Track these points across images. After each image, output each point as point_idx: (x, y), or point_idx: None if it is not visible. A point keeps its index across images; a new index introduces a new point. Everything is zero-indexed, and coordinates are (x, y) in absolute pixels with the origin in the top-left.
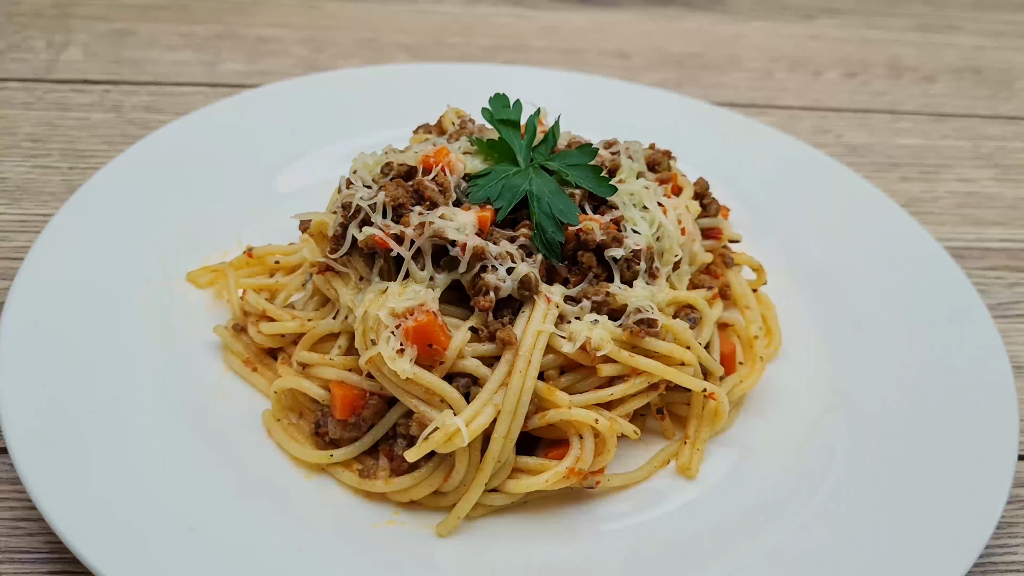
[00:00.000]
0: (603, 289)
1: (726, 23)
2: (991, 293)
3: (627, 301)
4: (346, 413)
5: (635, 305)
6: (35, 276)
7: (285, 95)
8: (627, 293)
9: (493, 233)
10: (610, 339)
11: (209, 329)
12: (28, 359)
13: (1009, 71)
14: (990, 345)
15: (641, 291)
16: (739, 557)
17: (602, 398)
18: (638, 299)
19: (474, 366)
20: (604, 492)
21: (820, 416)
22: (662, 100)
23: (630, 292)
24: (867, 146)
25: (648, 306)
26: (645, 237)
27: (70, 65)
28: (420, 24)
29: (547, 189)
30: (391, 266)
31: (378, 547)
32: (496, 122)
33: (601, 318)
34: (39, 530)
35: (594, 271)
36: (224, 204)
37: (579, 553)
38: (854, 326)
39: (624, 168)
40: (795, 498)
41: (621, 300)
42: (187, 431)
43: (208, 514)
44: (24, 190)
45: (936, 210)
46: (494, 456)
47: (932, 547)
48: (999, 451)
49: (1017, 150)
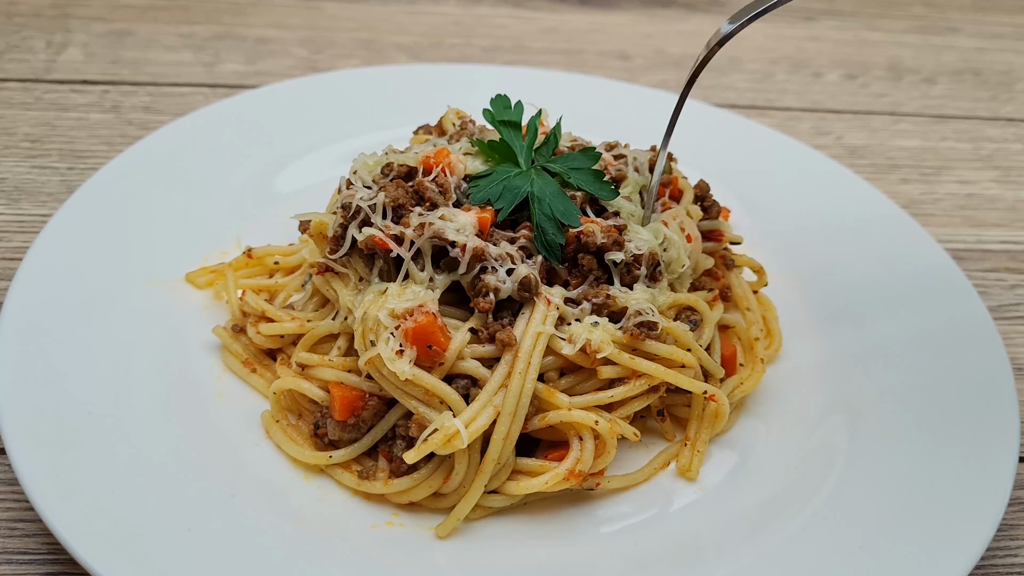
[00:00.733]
0: (603, 291)
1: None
2: (991, 295)
3: (627, 304)
4: (345, 414)
5: (635, 308)
6: (33, 277)
7: (284, 96)
8: (627, 296)
9: (493, 234)
10: (610, 341)
11: (208, 330)
12: (26, 359)
13: (1009, 73)
14: (990, 347)
15: (641, 294)
16: (739, 559)
17: (602, 400)
18: (638, 302)
19: (474, 367)
20: (604, 494)
21: (820, 418)
22: (662, 101)
23: (630, 295)
24: (867, 148)
25: (648, 308)
26: (647, 243)
27: (69, 65)
28: (419, 25)
29: (548, 191)
30: (391, 267)
31: (377, 548)
32: (497, 123)
33: (601, 320)
34: (36, 531)
35: (595, 273)
36: (223, 204)
37: (579, 555)
38: (854, 328)
39: (629, 182)
40: (795, 500)
41: (621, 303)
42: (185, 432)
43: (206, 515)
44: (22, 190)
45: (936, 212)
46: (494, 457)
47: (933, 549)
48: (1000, 453)
49: (1017, 152)
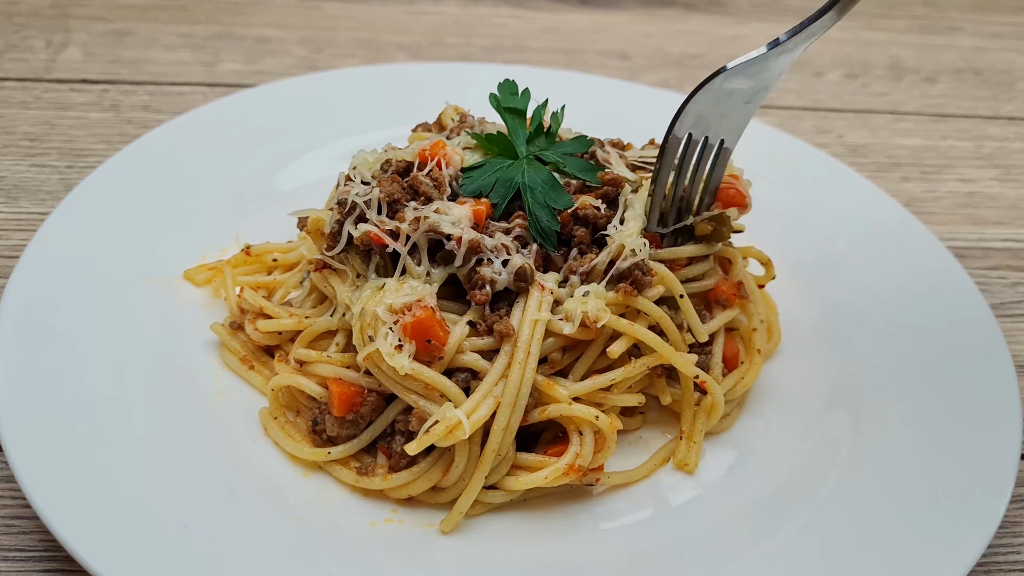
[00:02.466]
0: (588, 260)
1: (726, 24)
2: (993, 293)
3: (623, 242)
4: (344, 410)
5: (630, 246)
6: (31, 273)
7: (283, 94)
8: (621, 233)
9: (488, 226)
10: (605, 307)
11: (206, 327)
12: (24, 357)
13: (1010, 72)
14: (993, 344)
15: (635, 225)
16: (740, 556)
17: (602, 383)
18: (633, 238)
19: (473, 360)
20: (604, 490)
21: (821, 415)
22: (663, 99)
23: (623, 231)
24: (868, 146)
25: (641, 245)
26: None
27: (69, 65)
28: (419, 25)
29: (540, 179)
30: (387, 262)
31: (375, 545)
32: (502, 109)
33: (591, 287)
34: (33, 528)
35: (582, 247)
36: (222, 202)
37: (578, 552)
38: (855, 326)
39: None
40: (796, 497)
41: (617, 240)
42: (183, 429)
43: (204, 512)
44: (22, 188)
45: (937, 210)
46: (494, 448)
47: (935, 546)
48: (1002, 451)
49: (1018, 150)
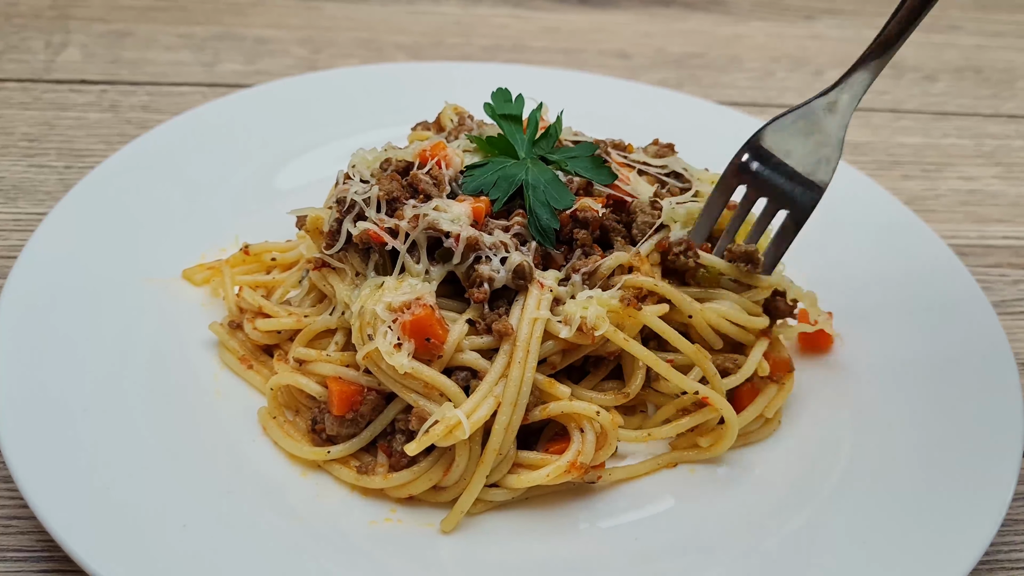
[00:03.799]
0: (592, 260)
1: (726, 23)
2: (995, 290)
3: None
4: (343, 409)
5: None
6: (29, 273)
7: (282, 93)
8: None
9: (488, 223)
10: (605, 317)
11: (205, 326)
12: (22, 356)
13: (1010, 71)
14: (995, 342)
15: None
16: (742, 554)
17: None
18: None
19: (473, 359)
20: (605, 487)
21: (823, 414)
22: (663, 98)
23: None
24: (868, 144)
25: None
26: None
27: (68, 65)
28: (419, 25)
29: (543, 178)
30: (386, 260)
31: (375, 544)
32: (497, 117)
33: (595, 292)
34: (31, 528)
35: (585, 248)
36: (221, 202)
37: (580, 551)
38: (857, 324)
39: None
40: (798, 495)
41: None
42: (182, 428)
43: (202, 512)
44: (20, 189)
45: (938, 208)
46: (495, 447)
47: (937, 544)
48: (1004, 448)
49: (1019, 148)
